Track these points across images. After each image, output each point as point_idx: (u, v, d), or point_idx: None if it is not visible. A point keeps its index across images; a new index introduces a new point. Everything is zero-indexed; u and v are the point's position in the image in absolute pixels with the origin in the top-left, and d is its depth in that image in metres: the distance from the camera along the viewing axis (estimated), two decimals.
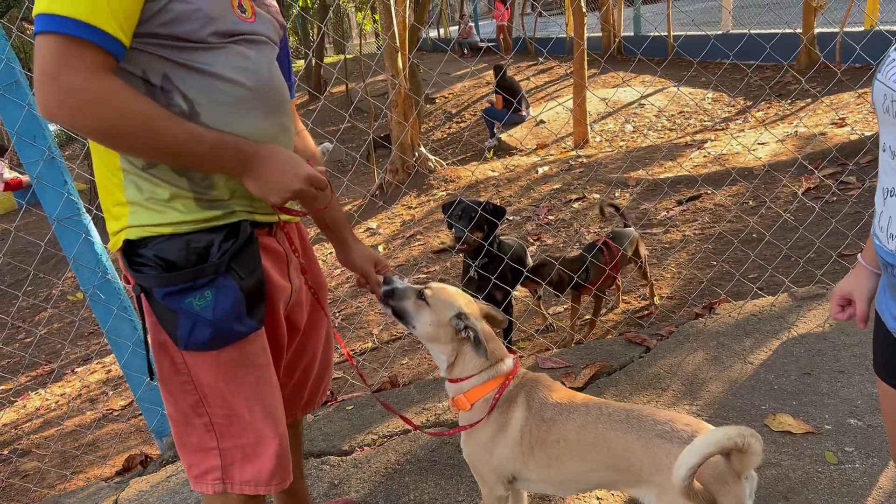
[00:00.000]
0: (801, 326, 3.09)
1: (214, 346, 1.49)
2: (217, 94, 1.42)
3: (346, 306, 5.65)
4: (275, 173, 1.44)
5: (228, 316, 1.46)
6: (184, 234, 1.45)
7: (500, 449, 1.84)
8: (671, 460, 1.56)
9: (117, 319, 2.82)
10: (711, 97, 11.58)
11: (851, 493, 2.18)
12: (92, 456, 3.81)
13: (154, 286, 1.43)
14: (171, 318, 1.45)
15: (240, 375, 1.57)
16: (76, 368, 6.08)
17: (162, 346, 1.53)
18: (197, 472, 1.66)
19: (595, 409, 1.75)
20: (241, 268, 1.49)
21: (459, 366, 1.86)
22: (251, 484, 1.65)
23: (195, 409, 1.59)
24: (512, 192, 7.63)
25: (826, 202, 5.08)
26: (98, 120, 1.27)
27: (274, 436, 1.64)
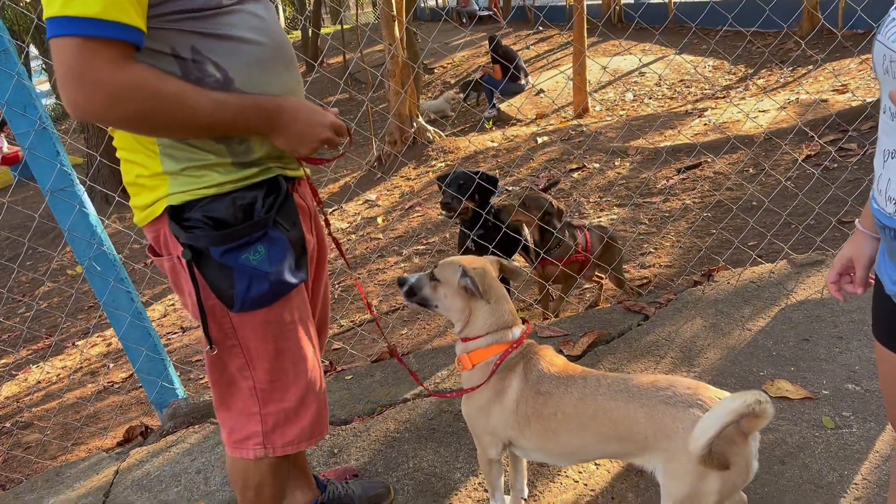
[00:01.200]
0: (800, 293, 3.09)
1: (271, 300, 1.52)
2: (244, 57, 1.43)
3: (345, 277, 5.64)
4: (301, 125, 1.48)
5: (282, 268, 1.50)
6: (227, 194, 1.47)
7: (496, 415, 1.86)
8: (678, 425, 1.57)
9: (114, 291, 2.81)
10: (712, 65, 11.47)
11: (848, 456, 2.19)
12: (93, 427, 3.83)
13: (211, 244, 1.44)
14: (227, 278, 1.46)
15: (288, 331, 1.60)
16: (76, 342, 6.09)
17: (209, 311, 1.54)
18: (237, 438, 1.69)
19: (593, 381, 1.75)
20: (285, 221, 1.53)
21: (471, 325, 1.88)
22: (293, 443, 1.70)
23: (241, 371, 1.62)
24: (511, 162, 7.58)
25: (826, 169, 5.04)
26: (131, 110, 1.28)
27: (317, 391, 1.70)
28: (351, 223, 7.23)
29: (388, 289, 5.15)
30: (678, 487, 1.61)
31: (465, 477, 2.36)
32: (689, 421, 1.55)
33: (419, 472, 2.42)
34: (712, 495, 1.58)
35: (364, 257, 6.04)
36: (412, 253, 5.77)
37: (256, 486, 1.78)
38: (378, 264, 5.76)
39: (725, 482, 1.56)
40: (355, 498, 2.25)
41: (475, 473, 2.36)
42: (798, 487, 2.10)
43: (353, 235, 6.80)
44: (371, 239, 6.54)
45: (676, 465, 1.59)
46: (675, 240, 4.70)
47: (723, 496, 1.59)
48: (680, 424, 1.57)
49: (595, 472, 2.29)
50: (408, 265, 5.56)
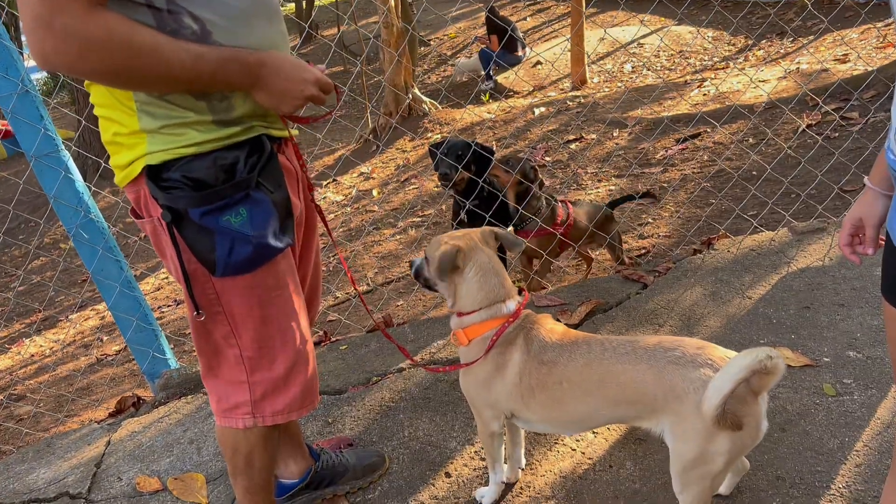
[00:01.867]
0: (801, 261, 3.04)
1: (254, 264, 1.47)
2: (223, 8, 1.35)
3: (341, 249, 5.59)
4: (284, 81, 1.41)
5: (266, 231, 1.44)
6: (208, 153, 1.40)
7: (498, 389, 1.81)
8: (688, 385, 1.53)
9: (103, 260, 2.76)
10: (711, 35, 11.34)
11: (849, 423, 2.16)
12: (86, 399, 3.80)
13: (189, 206, 1.38)
14: (208, 241, 1.41)
15: (274, 297, 1.55)
16: (70, 315, 6.05)
17: (192, 275, 1.48)
18: (225, 407, 1.65)
19: (597, 345, 1.71)
20: (270, 182, 1.47)
21: (460, 301, 1.84)
22: (283, 412, 1.66)
23: (226, 339, 1.57)
24: (508, 133, 7.50)
25: (828, 138, 4.98)
26: (102, 62, 1.21)
27: (306, 360, 1.65)
28: (346, 195, 7.16)
29: (384, 261, 5.10)
30: (688, 449, 1.58)
31: (461, 445, 2.33)
32: (699, 381, 1.52)
33: (415, 440, 2.39)
34: (722, 456, 1.55)
35: (359, 229, 5.99)
36: (408, 225, 5.72)
37: (247, 455, 1.74)
38: (374, 237, 5.70)
39: (735, 442, 1.53)
40: (349, 467, 2.22)
41: (471, 442, 2.33)
42: (798, 454, 2.07)
43: (349, 208, 6.74)
44: (366, 211, 6.48)
45: (686, 426, 1.55)
46: (674, 210, 4.65)
47: (732, 457, 1.56)
48: (690, 385, 1.53)
49: (593, 440, 2.26)
50: (403, 237, 5.51)
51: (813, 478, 1.99)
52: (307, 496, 2.17)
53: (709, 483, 1.63)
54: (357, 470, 2.23)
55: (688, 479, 1.64)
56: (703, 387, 1.49)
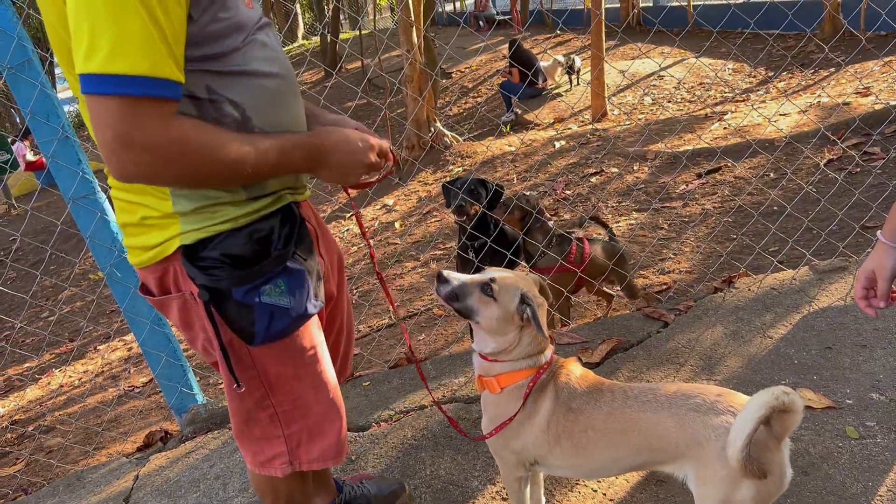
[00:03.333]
0: (823, 300, 3.04)
1: (292, 331, 1.49)
2: (259, 91, 1.38)
3: (362, 283, 5.66)
4: (344, 155, 1.42)
5: (303, 299, 1.46)
6: (242, 228, 1.40)
7: (525, 437, 1.81)
8: (709, 433, 1.55)
9: (134, 298, 2.84)
10: (732, 68, 11.39)
11: (873, 467, 2.15)
12: (114, 432, 3.87)
13: (232, 286, 1.38)
14: (248, 316, 1.41)
15: (307, 358, 1.57)
16: (98, 346, 6.16)
17: (228, 347, 1.47)
18: (262, 460, 1.67)
19: (620, 393, 1.72)
20: (302, 251, 1.48)
21: (510, 349, 1.79)
22: (319, 460, 1.68)
23: (260, 403, 1.58)
24: (528, 166, 7.57)
25: (849, 174, 4.98)
26: (181, 169, 1.22)
27: (339, 413, 1.69)
28: (369, 228, 7.25)
29: (406, 294, 5.16)
30: (711, 495, 1.59)
31: (483, 485, 2.35)
32: (721, 428, 1.53)
33: (436, 479, 2.41)
34: (746, 503, 1.56)
35: (381, 262, 6.06)
36: (429, 258, 5.78)
37: (287, 497, 1.81)
38: (395, 269, 5.77)
39: (760, 491, 1.53)
40: (371, 497, 2.27)
41: (493, 482, 2.35)
42: (821, 499, 2.07)
43: (371, 241, 6.82)
44: (388, 244, 6.55)
45: (709, 472, 1.57)
46: (695, 245, 4.66)
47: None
48: (712, 432, 1.55)
49: (614, 481, 2.27)
50: (424, 270, 5.57)
51: None
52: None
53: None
54: (379, 499, 2.28)
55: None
56: (724, 433, 1.51)
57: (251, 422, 1.62)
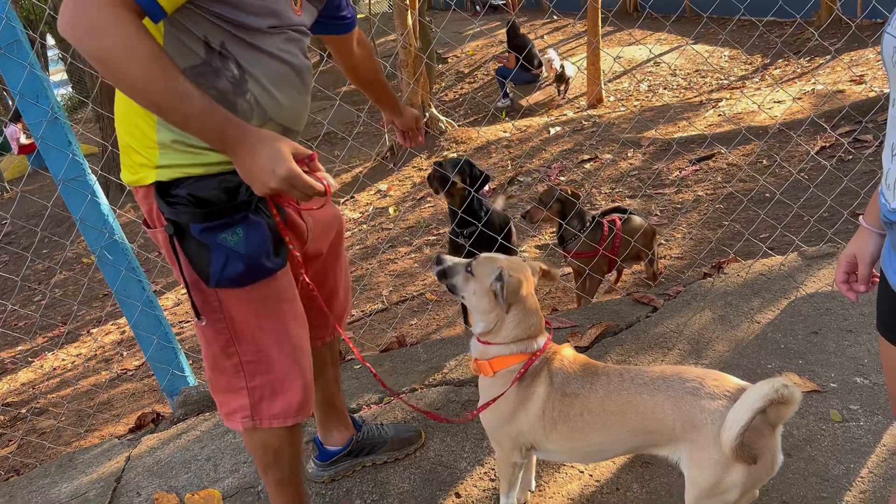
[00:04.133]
0: (810, 285, 3.07)
1: (245, 281, 1.56)
2: (266, 68, 1.48)
3: (356, 268, 5.67)
4: (254, 165, 1.38)
5: (259, 251, 1.53)
6: (215, 175, 1.50)
7: (520, 422, 1.84)
8: (705, 416, 1.57)
9: (126, 280, 2.84)
10: (728, 54, 11.37)
11: (855, 450, 2.18)
12: (106, 414, 3.89)
13: (191, 221, 1.48)
14: (204, 255, 1.51)
15: (270, 310, 1.66)
16: (91, 329, 6.17)
17: (194, 285, 1.59)
18: (227, 411, 1.77)
19: (616, 376, 1.75)
20: (267, 207, 1.57)
21: (496, 332, 1.84)
22: (279, 417, 1.76)
23: (225, 349, 1.67)
24: (523, 152, 7.57)
25: (840, 160, 5.00)
26: (99, 45, 1.25)
27: (300, 371, 1.75)
28: (363, 213, 7.25)
29: (399, 279, 5.17)
30: (703, 478, 1.61)
31: (471, 466, 2.37)
32: (716, 412, 1.56)
33: (425, 460, 2.44)
34: (737, 487, 1.58)
35: (375, 247, 6.07)
36: (423, 243, 5.79)
37: (276, 451, 1.86)
38: (389, 255, 5.78)
39: (751, 475, 1.56)
40: (388, 439, 2.45)
41: (481, 463, 2.38)
42: (803, 480, 2.10)
43: (365, 225, 6.83)
44: (382, 229, 6.56)
45: (703, 455, 1.59)
46: (687, 231, 4.68)
47: (747, 488, 1.60)
48: (708, 416, 1.57)
49: (600, 462, 2.30)
50: (418, 255, 5.58)
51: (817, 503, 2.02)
52: (348, 463, 2.41)
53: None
54: (395, 442, 2.46)
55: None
56: (720, 418, 1.53)
57: (217, 370, 1.71)
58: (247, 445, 1.89)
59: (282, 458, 1.88)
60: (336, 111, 11.98)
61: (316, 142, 3.62)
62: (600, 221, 3.56)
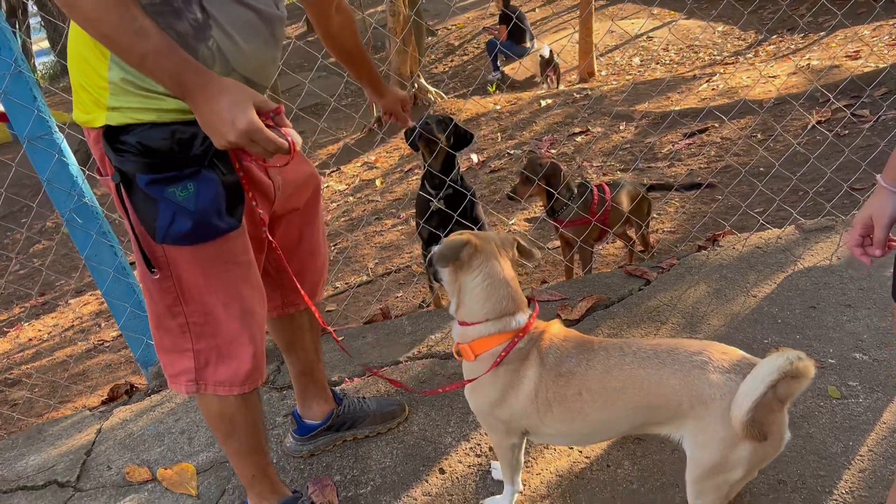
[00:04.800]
0: (808, 259, 2.98)
1: (193, 239, 1.47)
2: (233, 14, 1.39)
3: (340, 240, 5.54)
4: (213, 115, 1.29)
5: (209, 209, 1.43)
6: (168, 124, 1.39)
7: (512, 406, 1.72)
8: (714, 391, 1.47)
9: (97, 245, 2.72)
10: (721, 30, 11.23)
11: (854, 427, 2.10)
12: (81, 386, 3.77)
13: (138, 172, 1.38)
14: (152, 208, 1.41)
15: (220, 271, 1.57)
16: (69, 300, 6.02)
17: (143, 238, 1.50)
18: (171, 373, 1.69)
19: (616, 351, 1.63)
20: (223, 163, 1.46)
21: (464, 308, 1.72)
22: (225, 385, 1.68)
23: (171, 308, 1.59)
24: (514, 124, 7.43)
25: (838, 135, 4.90)
26: None
27: (250, 337, 1.65)
28: (349, 185, 7.11)
29: (384, 251, 5.06)
30: (708, 456, 1.52)
31: (457, 441, 2.28)
32: (725, 387, 1.46)
33: (409, 435, 2.34)
34: (742, 465, 1.50)
35: (361, 219, 5.94)
36: (410, 216, 5.66)
37: (230, 419, 1.77)
38: (375, 227, 5.65)
39: (757, 452, 1.47)
40: (370, 413, 2.36)
41: (466, 438, 2.29)
42: (801, 458, 2.02)
43: (351, 197, 6.69)
44: (368, 201, 6.43)
45: (708, 432, 1.50)
46: (679, 205, 4.58)
47: (752, 466, 1.51)
48: (717, 390, 1.47)
49: None
50: (405, 228, 5.46)
51: (815, 482, 1.94)
52: (328, 437, 2.32)
53: (725, 492, 1.58)
54: (377, 416, 2.37)
55: (704, 487, 1.58)
56: (729, 393, 1.44)
57: (163, 329, 1.63)
58: (203, 413, 1.80)
59: (237, 428, 1.79)
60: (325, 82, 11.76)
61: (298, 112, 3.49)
62: (589, 187, 3.44)
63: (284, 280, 1.97)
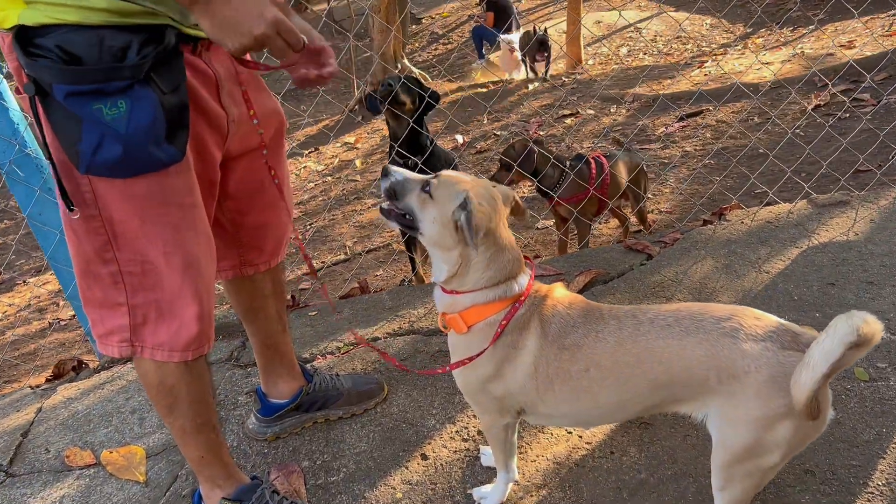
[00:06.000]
0: (823, 234, 2.76)
1: (125, 170, 1.22)
2: None
3: (317, 219, 5.27)
4: (234, 11, 1.14)
5: (145, 134, 1.19)
6: (95, 28, 1.15)
7: (508, 383, 1.46)
8: (748, 363, 1.24)
9: (41, 203, 2.43)
10: (709, 23, 11.07)
11: (886, 412, 1.88)
12: (30, 365, 3.47)
13: (55, 81, 1.13)
14: (73, 128, 1.17)
15: (159, 214, 1.30)
16: (28, 279, 5.68)
17: (63, 167, 1.24)
18: (101, 331, 1.41)
19: (629, 319, 1.38)
20: (163, 81, 1.21)
21: (462, 276, 1.43)
22: (164, 349, 1.41)
23: (101, 253, 1.32)
24: (501, 107, 7.18)
25: (838, 119, 4.71)
26: None
27: (194, 294, 1.38)
28: (328, 165, 6.82)
29: (363, 230, 4.79)
30: (740, 437, 1.29)
31: (441, 424, 2.03)
32: (761, 358, 1.23)
33: (387, 417, 2.08)
34: (780, 448, 1.27)
35: (339, 198, 5.66)
36: None
37: (171, 390, 1.49)
38: (354, 206, 5.38)
39: (797, 432, 1.25)
40: (344, 391, 2.10)
41: (452, 420, 2.03)
42: (829, 446, 1.80)
43: (330, 178, 6.41)
44: (349, 181, 6.15)
45: (741, 410, 1.26)
46: (675, 186, 4.36)
47: (790, 450, 1.29)
48: (752, 362, 1.24)
49: None
50: None
51: (847, 473, 1.72)
52: (296, 418, 2.05)
53: (757, 480, 1.35)
54: (352, 395, 2.10)
55: (733, 473, 1.35)
56: (765, 365, 1.22)
57: (90, 277, 1.36)
58: (141, 381, 1.52)
59: (181, 401, 1.52)
60: None
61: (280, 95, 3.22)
62: (587, 159, 3.19)
63: (242, 235, 1.71)
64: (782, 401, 1.21)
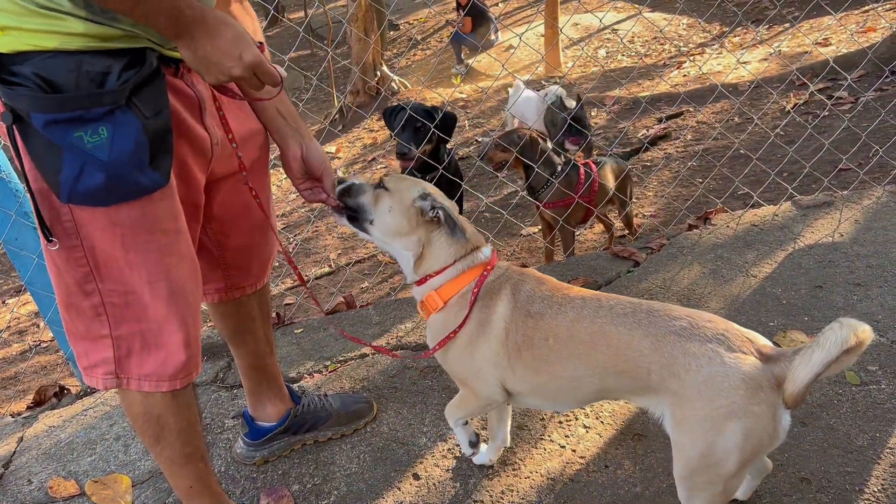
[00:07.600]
0: (809, 237, 2.76)
1: (107, 198, 1.18)
2: None
3: (300, 230, 5.22)
4: (215, 49, 1.17)
5: (128, 161, 1.16)
6: (74, 53, 1.11)
7: (483, 351, 1.53)
8: (690, 360, 1.27)
9: (17, 227, 2.37)
10: (686, 23, 11.13)
11: (878, 416, 1.88)
12: (10, 390, 3.39)
13: (33, 109, 1.09)
14: (53, 158, 1.13)
15: (143, 241, 1.26)
16: (7, 300, 5.58)
17: (43, 196, 1.20)
18: (86, 364, 1.38)
19: (593, 301, 1.44)
20: (145, 105, 1.18)
21: (429, 259, 1.56)
22: (152, 379, 1.38)
23: (82, 285, 1.28)
24: (481, 112, 7.17)
25: (816, 117, 4.74)
26: None
27: (180, 322, 1.35)
28: None
29: (347, 242, 4.75)
30: (691, 443, 1.30)
31: (432, 442, 2.00)
32: (703, 357, 1.25)
33: (378, 437, 2.05)
34: (732, 455, 1.27)
35: (323, 210, 5.61)
36: None
37: (158, 419, 1.46)
38: None
39: (748, 438, 1.24)
40: (333, 412, 2.07)
41: (443, 438, 2.00)
42: (824, 452, 1.79)
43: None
44: None
45: (687, 411, 1.28)
46: (659, 189, 4.36)
47: (746, 456, 1.28)
48: (692, 361, 1.26)
49: (584, 435, 1.95)
50: None
51: (843, 479, 1.71)
52: (285, 441, 2.01)
53: (721, 489, 1.34)
54: (341, 415, 2.07)
55: (694, 484, 1.36)
56: (707, 364, 1.24)
57: (73, 310, 1.32)
58: (125, 412, 1.49)
59: (168, 431, 1.48)
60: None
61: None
62: (576, 164, 3.18)
63: (227, 256, 1.67)
64: (724, 401, 1.23)
